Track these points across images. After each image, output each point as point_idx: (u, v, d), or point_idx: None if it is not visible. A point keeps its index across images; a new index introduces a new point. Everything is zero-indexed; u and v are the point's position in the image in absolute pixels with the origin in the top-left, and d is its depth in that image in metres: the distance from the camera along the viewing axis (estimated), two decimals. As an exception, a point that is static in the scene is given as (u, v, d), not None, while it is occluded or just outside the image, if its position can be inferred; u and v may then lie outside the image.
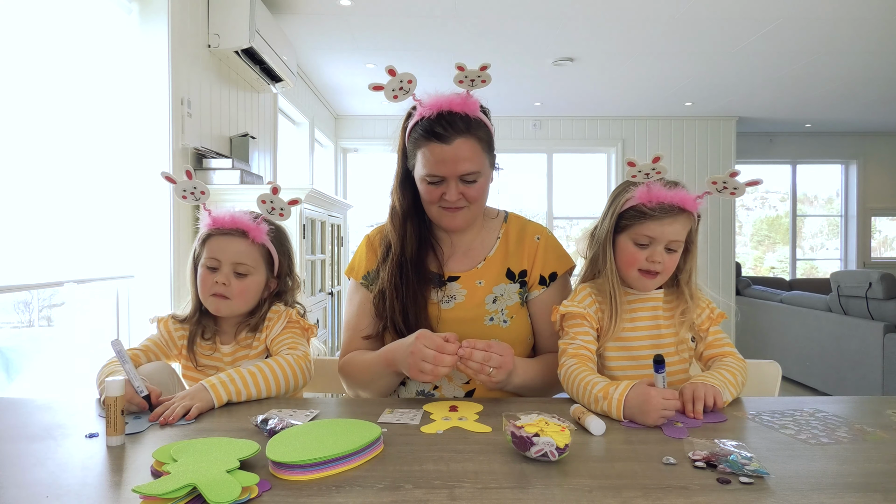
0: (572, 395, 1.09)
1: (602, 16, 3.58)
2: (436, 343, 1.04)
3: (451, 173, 1.15)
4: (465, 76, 1.13)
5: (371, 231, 1.37)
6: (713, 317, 1.22)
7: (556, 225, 6.57)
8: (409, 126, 1.20)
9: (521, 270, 1.28)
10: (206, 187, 1.24)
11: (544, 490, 0.70)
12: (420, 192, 1.22)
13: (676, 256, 1.16)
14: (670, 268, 1.16)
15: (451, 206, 1.19)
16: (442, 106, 1.14)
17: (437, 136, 1.14)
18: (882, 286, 3.67)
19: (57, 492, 0.70)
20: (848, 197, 7.32)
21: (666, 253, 1.14)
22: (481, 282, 1.26)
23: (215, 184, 2.56)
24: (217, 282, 1.22)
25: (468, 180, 1.17)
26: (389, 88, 1.14)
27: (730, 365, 1.15)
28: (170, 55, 2.36)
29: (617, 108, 5.90)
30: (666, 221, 1.12)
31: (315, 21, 3.64)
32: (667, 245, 1.14)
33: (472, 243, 1.30)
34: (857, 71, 4.66)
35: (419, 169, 1.19)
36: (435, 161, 1.15)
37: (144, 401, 1.02)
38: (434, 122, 1.14)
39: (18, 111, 1.77)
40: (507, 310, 1.25)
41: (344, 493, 0.69)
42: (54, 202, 1.93)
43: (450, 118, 1.14)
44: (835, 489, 0.71)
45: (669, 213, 1.12)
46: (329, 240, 3.53)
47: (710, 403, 1.00)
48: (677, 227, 1.13)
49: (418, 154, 1.18)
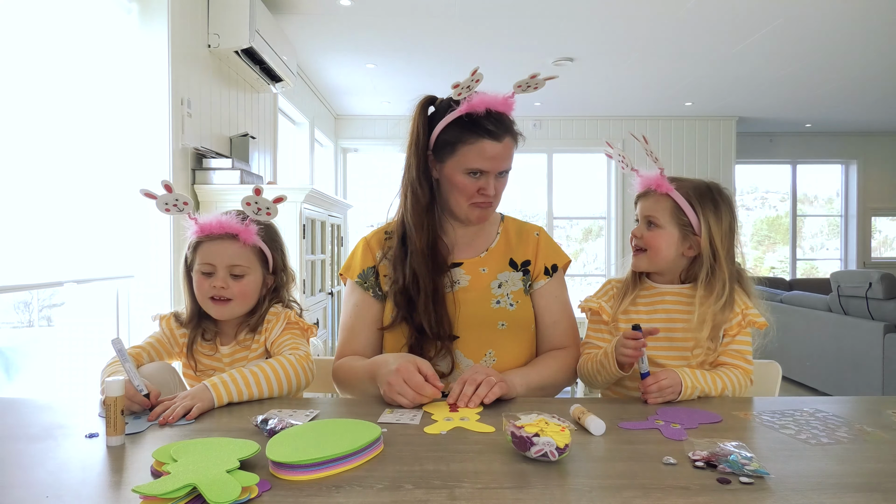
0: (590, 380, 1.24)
1: (602, 16, 3.58)
2: (415, 383, 1.04)
3: (496, 169, 1.22)
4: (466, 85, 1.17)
5: (368, 234, 1.38)
6: (742, 323, 1.21)
7: (556, 225, 6.57)
8: (447, 119, 1.21)
9: (524, 261, 1.34)
10: (188, 198, 1.22)
11: (544, 490, 0.70)
12: (453, 184, 1.23)
13: (657, 234, 1.23)
14: (652, 244, 1.24)
15: (484, 201, 1.24)
16: (490, 104, 1.18)
17: (490, 134, 1.19)
18: (882, 286, 3.67)
19: (57, 492, 0.70)
20: (848, 197, 7.32)
21: (646, 228, 1.25)
22: (485, 269, 1.31)
23: (215, 184, 2.56)
24: (215, 286, 1.22)
25: (502, 175, 1.25)
26: (465, 86, 1.17)
27: (724, 374, 1.16)
28: (170, 55, 2.36)
29: (617, 108, 5.91)
30: (642, 199, 1.28)
31: (315, 21, 3.64)
32: (648, 220, 1.25)
33: (475, 237, 1.35)
34: (857, 71, 4.66)
35: (461, 162, 1.21)
36: (485, 156, 1.19)
37: (146, 399, 1.02)
38: (485, 119, 1.19)
39: (18, 111, 1.77)
40: (513, 294, 1.30)
41: (344, 493, 0.69)
42: (54, 202, 1.93)
43: (498, 117, 1.20)
44: (835, 489, 0.71)
45: (645, 194, 1.28)
46: (329, 240, 3.53)
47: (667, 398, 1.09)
48: (649, 203, 1.26)
49: (461, 147, 1.20)
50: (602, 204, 6.61)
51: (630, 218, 6.27)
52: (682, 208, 1.22)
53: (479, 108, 1.18)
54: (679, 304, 1.24)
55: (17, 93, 1.76)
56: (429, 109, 1.28)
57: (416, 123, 1.26)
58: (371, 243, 1.35)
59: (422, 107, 1.26)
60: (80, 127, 2.06)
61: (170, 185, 1.20)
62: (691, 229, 1.22)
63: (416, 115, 1.26)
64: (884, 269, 3.80)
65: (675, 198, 1.22)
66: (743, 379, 1.18)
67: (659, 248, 1.23)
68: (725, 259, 1.22)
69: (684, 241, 1.23)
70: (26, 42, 1.81)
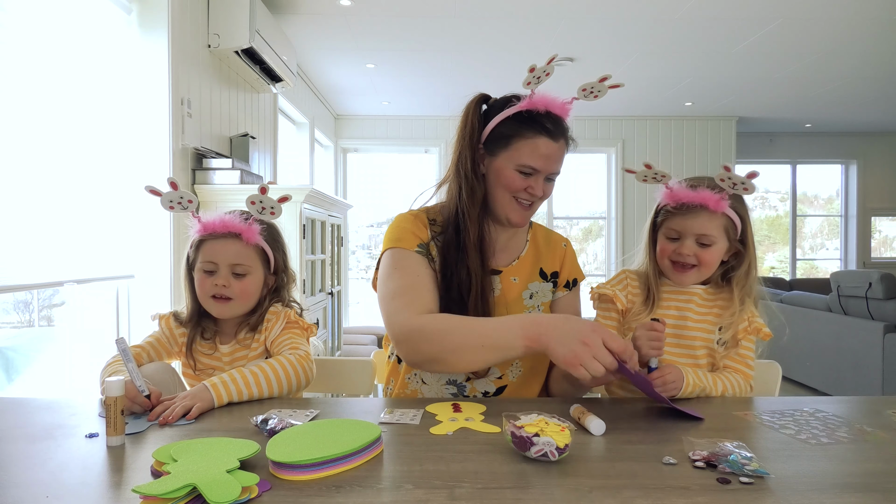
0: None
1: (602, 16, 3.58)
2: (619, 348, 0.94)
3: (547, 169, 1.20)
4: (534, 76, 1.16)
5: (411, 211, 1.29)
6: (749, 329, 1.22)
7: (556, 225, 6.57)
8: (506, 113, 1.19)
9: (552, 271, 1.34)
10: (192, 196, 1.23)
11: (544, 490, 0.70)
12: (501, 179, 1.20)
13: (712, 251, 1.21)
14: (707, 261, 1.21)
15: (528, 201, 1.23)
16: (550, 105, 1.18)
17: (548, 132, 1.18)
18: (882, 286, 3.67)
19: (57, 492, 0.70)
20: (848, 197, 7.32)
21: (698, 247, 1.21)
22: (515, 279, 1.30)
23: (215, 184, 2.56)
24: (217, 284, 1.22)
25: (550, 178, 1.24)
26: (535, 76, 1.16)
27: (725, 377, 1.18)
28: (170, 55, 2.36)
29: (617, 108, 5.91)
30: (689, 217, 1.21)
31: (315, 21, 3.64)
32: (697, 239, 1.21)
33: (508, 242, 1.33)
34: (857, 71, 4.66)
35: (513, 157, 1.18)
36: (540, 154, 1.18)
37: (147, 400, 1.02)
38: (545, 117, 1.18)
39: (18, 111, 1.77)
40: (543, 306, 1.30)
41: (344, 493, 0.69)
42: (55, 202, 1.93)
43: (556, 119, 1.19)
44: (835, 489, 0.71)
45: (691, 211, 1.20)
46: (329, 240, 3.53)
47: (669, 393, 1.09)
48: (701, 221, 1.20)
49: (517, 142, 1.18)
50: (602, 204, 6.61)
51: (630, 217, 6.27)
52: (735, 222, 1.21)
53: (540, 107, 1.17)
54: (692, 301, 1.25)
55: (18, 93, 1.76)
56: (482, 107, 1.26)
57: (470, 116, 1.23)
58: (420, 217, 1.26)
59: (476, 102, 1.25)
60: (80, 127, 2.06)
61: (175, 183, 1.21)
62: (736, 236, 1.23)
63: (471, 109, 1.24)
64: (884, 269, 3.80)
65: (731, 214, 1.21)
66: (744, 384, 1.20)
67: (713, 263, 1.23)
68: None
69: (729, 249, 1.24)
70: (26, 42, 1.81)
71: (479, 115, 1.24)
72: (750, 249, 1.24)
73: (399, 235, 1.22)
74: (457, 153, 1.24)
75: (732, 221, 1.21)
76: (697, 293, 1.25)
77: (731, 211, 1.20)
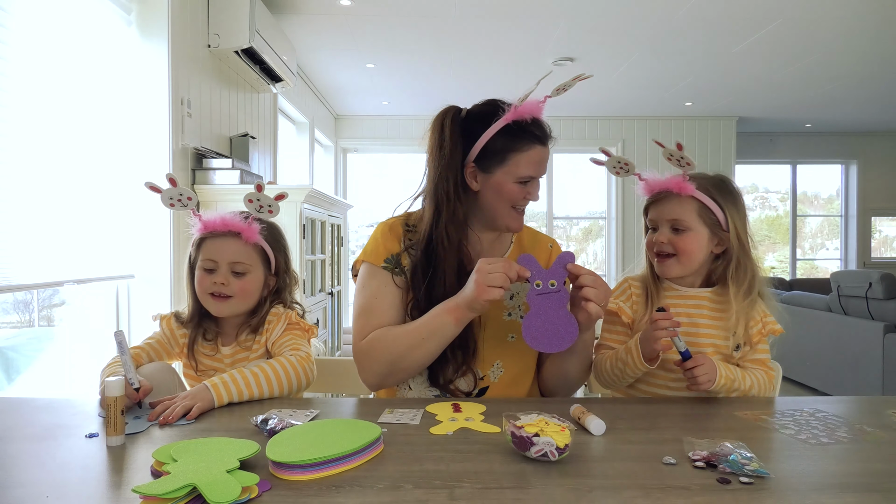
0: (610, 379, 1.20)
1: (602, 16, 3.58)
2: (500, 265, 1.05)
3: (542, 173, 1.21)
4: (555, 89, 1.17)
5: (388, 220, 1.30)
6: (763, 331, 1.22)
7: (556, 225, 6.57)
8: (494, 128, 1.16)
9: None
10: (192, 193, 1.23)
11: (544, 490, 0.70)
12: (501, 193, 1.19)
13: (688, 238, 1.20)
14: (684, 249, 1.20)
15: (523, 207, 1.23)
16: (534, 112, 1.18)
17: (539, 140, 1.19)
18: (882, 286, 3.67)
19: (57, 492, 0.70)
20: (848, 197, 7.32)
21: (672, 233, 1.21)
22: None
23: (215, 184, 2.56)
24: (215, 282, 1.22)
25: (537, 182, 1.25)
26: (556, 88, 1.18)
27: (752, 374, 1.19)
28: (170, 55, 2.36)
29: (617, 108, 5.90)
30: (659, 204, 1.23)
31: (315, 21, 3.64)
32: (671, 225, 1.21)
33: (493, 244, 1.31)
34: (857, 71, 4.66)
35: (512, 171, 1.17)
36: (535, 162, 1.19)
37: (135, 392, 1.02)
38: (533, 125, 1.18)
39: (18, 111, 1.77)
40: (523, 306, 1.28)
41: (344, 493, 0.69)
42: (55, 202, 1.93)
43: (540, 123, 1.20)
44: (835, 489, 0.71)
45: (661, 198, 1.23)
46: (329, 240, 3.53)
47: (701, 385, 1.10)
48: (671, 206, 1.21)
49: (514, 156, 1.17)
50: (602, 204, 6.61)
51: (630, 217, 6.27)
52: (710, 207, 1.19)
53: (526, 116, 1.16)
54: (702, 307, 1.22)
55: (17, 93, 1.76)
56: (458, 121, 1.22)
57: (447, 133, 1.19)
58: (394, 229, 1.26)
59: (451, 117, 1.21)
60: (80, 127, 2.06)
61: (174, 179, 1.21)
62: (719, 226, 1.21)
63: (447, 126, 1.20)
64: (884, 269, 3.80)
65: (701, 198, 1.19)
66: (768, 382, 1.20)
67: (692, 252, 1.20)
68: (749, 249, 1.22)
69: (713, 239, 1.22)
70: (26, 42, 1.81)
71: (458, 131, 1.20)
72: (734, 240, 1.20)
73: (371, 247, 1.26)
74: (434, 173, 1.20)
75: (708, 208, 1.19)
76: (706, 297, 1.23)
77: (702, 195, 1.18)
